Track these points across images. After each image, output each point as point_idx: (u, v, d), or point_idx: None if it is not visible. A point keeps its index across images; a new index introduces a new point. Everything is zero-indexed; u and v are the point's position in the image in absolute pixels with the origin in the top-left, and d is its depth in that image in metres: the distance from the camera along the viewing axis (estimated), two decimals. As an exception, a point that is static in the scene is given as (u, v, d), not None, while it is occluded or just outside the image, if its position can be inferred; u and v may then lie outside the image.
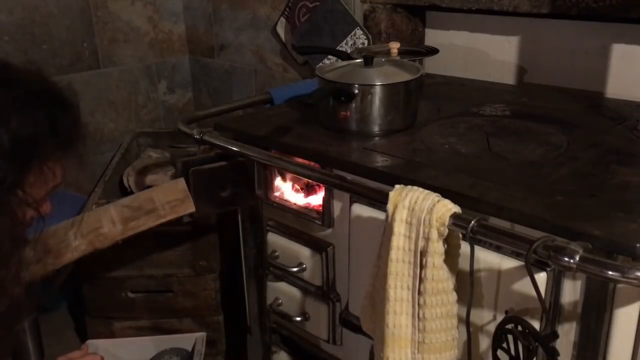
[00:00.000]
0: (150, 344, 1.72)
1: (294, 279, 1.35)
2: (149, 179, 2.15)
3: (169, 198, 1.27)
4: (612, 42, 1.42)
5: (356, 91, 1.21)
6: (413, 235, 0.92)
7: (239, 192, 1.35)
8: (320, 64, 1.78)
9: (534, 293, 0.82)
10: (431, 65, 1.67)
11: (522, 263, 0.89)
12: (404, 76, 1.25)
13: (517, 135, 1.20)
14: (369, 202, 1.10)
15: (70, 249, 1.16)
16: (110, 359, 1.58)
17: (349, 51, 1.66)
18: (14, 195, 0.79)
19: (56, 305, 2.28)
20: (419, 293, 0.93)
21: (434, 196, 0.91)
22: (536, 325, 0.88)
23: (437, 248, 0.90)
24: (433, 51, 1.54)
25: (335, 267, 1.26)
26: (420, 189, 0.93)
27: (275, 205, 1.34)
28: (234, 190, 1.34)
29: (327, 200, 1.22)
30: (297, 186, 1.31)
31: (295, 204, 1.31)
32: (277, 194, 1.33)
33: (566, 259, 0.75)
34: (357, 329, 1.18)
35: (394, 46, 1.49)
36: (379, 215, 1.05)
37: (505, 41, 1.61)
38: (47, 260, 1.11)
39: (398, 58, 1.46)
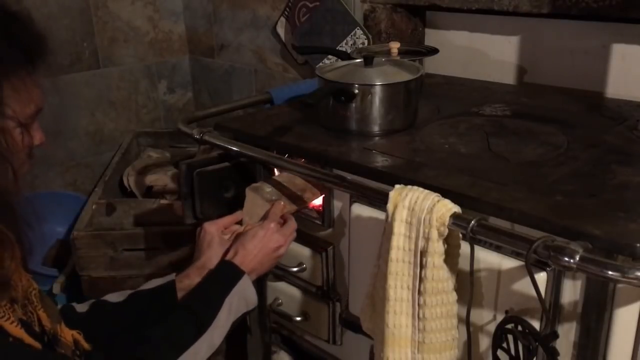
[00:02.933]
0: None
1: (294, 279, 1.35)
2: (149, 179, 2.15)
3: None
4: (612, 42, 1.42)
5: (356, 91, 1.21)
6: (413, 235, 0.92)
7: (242, 193, 1.35)
8: (320, 63, 1.78)
9: (534, 293, 0.82)
10: (431, 65, 1.67)
11: (522, 263, 0.89)
12: (404, 76, 1.25)
13: (517, 135, 1.20)
14: (369, 202, 1.10)
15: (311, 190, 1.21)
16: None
17: (349, 51, 1.66)
18: (2, 114, 0.80)
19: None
20: (419, 293, 0.93)
21: (434, 196, 0.91)
22: (536, 325, 0.88)
23: (437, 248, 0.90)
24: (433, 51, 1.54)
25: (335, 267, 1.26)
26: (420, 189, 0.93)
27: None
28: (237, 191, 1.34)
29: (327, 200, 1.22)
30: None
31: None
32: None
33: (566, 258, 0.75)
34: (357, 329, 1.18)
35: (394, 46, 1.49)
36: (379, 215, 1.05)
37: (505, 41, 1.61)
38: (306, 195, 1.20)
39: (398, 58, 1.46)
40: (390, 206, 0.94)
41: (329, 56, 1.80)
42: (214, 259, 1.10)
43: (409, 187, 0.94)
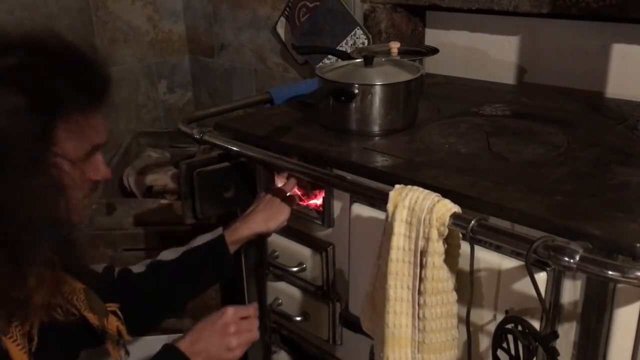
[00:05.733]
0: (150, 343, 1.71)
1: (294, 279, 1.35)
2: (149, 179, 2.15)
3: None
4: (612, 42, 1.42)
5: (356, 91, 1.21)
6: (413, 235, 0.92)
7: (242, 193, 1.35)
8: (320, 63, 1.78)
9: (534, 293, 0.82)
10: (431, 65, 1.67)
11: (522, 263, 0.89)
12: (404, 76, 1.25)
13: (517, 135, 1.20)
14: (369, 202, 1.10)
15: None
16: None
17: (349, 51, 1.66)
18: (51, 153, 0.81)
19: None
20: (419, 293, 0.93)
21: (434, 196, 0.91)
22: (536, 325, 0.88)
23: (437, 248, 0.90)
24: (433, 51, 1.54)
25: (335, 267, 1.26)
26: (420, 189, 0.93)
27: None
28: (237, 190, 1.34)
29: (327, 200, 1.22)
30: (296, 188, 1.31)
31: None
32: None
33: (566, 258, 0.75)
34: (357, 329, 1.18)
35: (394, 46, 1.49)
36: (379, 215, 1.05)
37: (505, 41, 1.61)
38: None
39: (398, 58, 1.46)
40: (390, 206, 0.94)
41: (329, 56, 1.80)
42: (257, 213, 1.24)
43: (409, 187, 0.94)
